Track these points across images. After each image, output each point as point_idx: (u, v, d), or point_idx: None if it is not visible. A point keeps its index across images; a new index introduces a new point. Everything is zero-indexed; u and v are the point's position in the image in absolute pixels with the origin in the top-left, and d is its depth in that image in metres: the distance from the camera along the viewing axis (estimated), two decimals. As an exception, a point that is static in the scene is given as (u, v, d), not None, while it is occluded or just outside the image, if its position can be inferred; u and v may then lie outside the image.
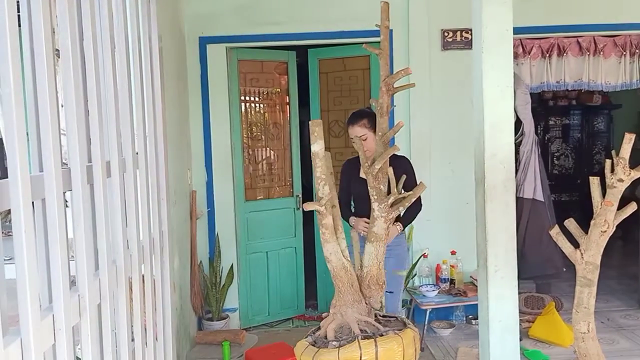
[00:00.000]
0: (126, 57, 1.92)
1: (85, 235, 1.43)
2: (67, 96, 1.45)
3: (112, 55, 1.75)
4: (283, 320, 4.90)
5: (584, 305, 2.49)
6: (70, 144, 1.44)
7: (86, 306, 1.39)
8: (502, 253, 2.88)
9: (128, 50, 1.98)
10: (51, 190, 1.28)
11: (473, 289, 4.37)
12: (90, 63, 1.57)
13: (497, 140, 2.79)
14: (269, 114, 4.94)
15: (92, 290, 1.44)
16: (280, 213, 4.91)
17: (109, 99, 1.74)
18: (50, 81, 1.27)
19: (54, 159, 1.28)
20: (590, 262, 2.38)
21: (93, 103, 1.58)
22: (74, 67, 1.44)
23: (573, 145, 8.51)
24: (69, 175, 1.42)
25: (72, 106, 1.44)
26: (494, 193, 2.85)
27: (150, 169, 2.23)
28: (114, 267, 1.67)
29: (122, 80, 1.88)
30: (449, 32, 4.53)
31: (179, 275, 3.86)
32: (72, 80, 1.43)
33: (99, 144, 1.59)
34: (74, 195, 1.45)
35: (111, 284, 1.60)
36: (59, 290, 1.26)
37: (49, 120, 1.26)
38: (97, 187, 1.58)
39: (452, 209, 4.59)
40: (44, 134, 1.27)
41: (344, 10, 4.53)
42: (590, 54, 4.55)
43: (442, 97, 4.57)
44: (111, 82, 1.74)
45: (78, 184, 1.44)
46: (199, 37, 4.49)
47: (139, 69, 2.12)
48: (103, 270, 1.55)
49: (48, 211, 1.28)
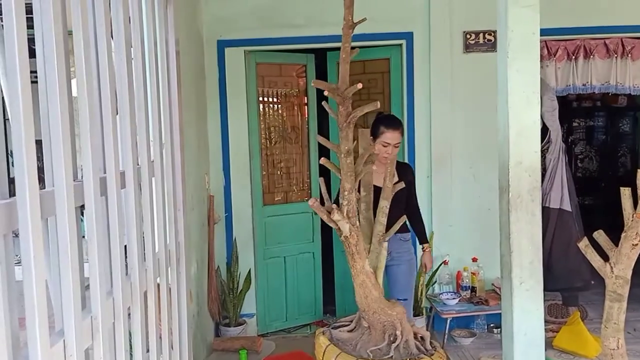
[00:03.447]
0: (142, 61, 1.87)
1: (99, 253, 1.38)
2: (80, 102, 1.38)
3: (127, 60, 1.70)
4: (301, 326, 4.85)
5: (614, 321, 2.39)
6: (84, 154, 1.37)
7: (99, 327, 1.34)
8: (528, 265, 2.78)
9: (144, 55, 1.93)
10: (62, 206, 1.21)
11: (495, 297, 4.27)
12: (105, 68, 1.52)
13: (523, 148, 2.69)
14: (287, 117, 4.88)
15: (105, 311, 1.39)
16: (298, 217, 4.85)
17: (124, 105, 1.69)
18: (62, 87, 1.21)
19: (66, 173, 1.21)
20: (620, 276, 2.28)
21: (107, 110, 1.53)
22: (87, 72, 1.38)
23: (597, 147, 8.33)
24: (82, 189, 1.36)
25: (86, 114, 1.37)
26: (519, 202, 2.76)
27: (167, 178, 2.19)
28: (129, 284, 1.62)
29: (138, 85, 1.84)
30: (472, 34, 4.43)
31: (196, 281, 3.83)
32: (85, 85, 1.36)
33: (113, 153, 1.54)
34: (87, 210, 1.39)
35: (125, 301, 1.55)
36: (69, 314, 1.20)
37: (60, 130, 1.20)
38: (111, 199, 1.53)
39: (473, 214, 4.49)
40: (54, 144, 1.20)
41: (363, 13, 4.42)
42: (618, 56, 4.41)
43: (464, 100, 4.47)
44: (126, 87, 1.69)
45: (91, 198, 1.38)
46: (217, 40, 4.46)
47: (155, 74, 2.07)
48: (117, 288, 1.50)
49: (59, 229, 1.22)
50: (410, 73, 4.51)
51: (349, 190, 2.43)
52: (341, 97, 2.39)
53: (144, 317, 1.74)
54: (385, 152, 3.13)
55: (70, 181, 1.25)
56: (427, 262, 3.45)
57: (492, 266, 4.36)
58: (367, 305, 2.52)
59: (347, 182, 2.43)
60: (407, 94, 4.52)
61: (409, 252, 3.39)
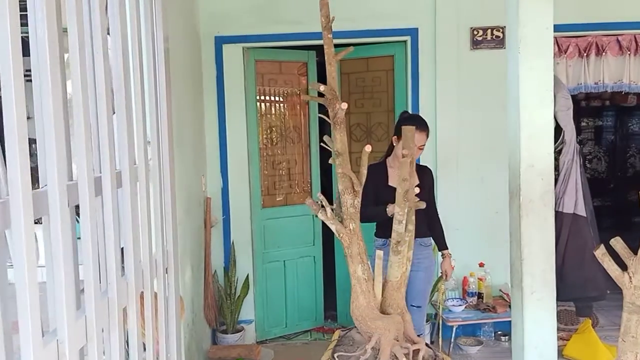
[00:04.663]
0: (122, 57, 1.72)
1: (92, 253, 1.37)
2: (75, 105, 1.36)
3: (103, 52, 1.56)
4: (301, 333, 4.69)
5: (632, 335, 2.23)
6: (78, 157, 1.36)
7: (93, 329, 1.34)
8: (539, 273, 2.63)
9: (127, 50, 1.78)
10: (55, 206, 1.20)
11: (503, 304, 4.12)
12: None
13: (535, 150, 2.53)
14: (287, 116, 4.72)
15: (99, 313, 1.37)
16: (299, 220, 4.70)
17: (100, 105, 1.55)
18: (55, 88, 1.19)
19: (58, 172, 1.20)
20: (639, 286, 2.13)
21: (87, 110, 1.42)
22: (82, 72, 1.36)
23: (606, 147, 8.16)
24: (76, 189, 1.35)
25: (80, 115, 1.35)
26: (531, 207, 2.60)
27: (154, 182, 2.04)
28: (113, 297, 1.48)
29: (119, 81, 1.69)
30: (479, 30, 4.27)
31: (191, 286, 3.68)
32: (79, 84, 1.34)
33: (86, 156, 1.40)
34: (82, 210, 1.38)
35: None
36: (62, 315, 1.20)
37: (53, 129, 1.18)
38: (83, 206, 1.39)
39: (481, 218, 4.34)
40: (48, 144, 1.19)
41: (367, 9, 4.29)
42: (631, 54, 4.24)
43: (471, 99, 4.30)
44: (103, 83, 1.55)
45: (86, 197, 1.37)
46: (214, 36, 4.31)
47: (140, 72, 1.92)
48: (112, 290, 1.37)
49: (52, 229, 1.21)
50: (415, 71, 4.35)
51: (342, 192, 2.33)
52: (328, 99, 2.27)
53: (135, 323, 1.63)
54: (410, 152, 2.97)
55: (63, 180, 1.22)
56: (447, 270, 3.31)
57: (499, 272, 4.22)
58: (351, 311, 2.42)
59: (340, 183, 2.33)
60: (411, 92, 4.36)
61: (429, 258, 3.25)
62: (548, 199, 2.60)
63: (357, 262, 2.38)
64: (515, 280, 2.71)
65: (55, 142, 1.19)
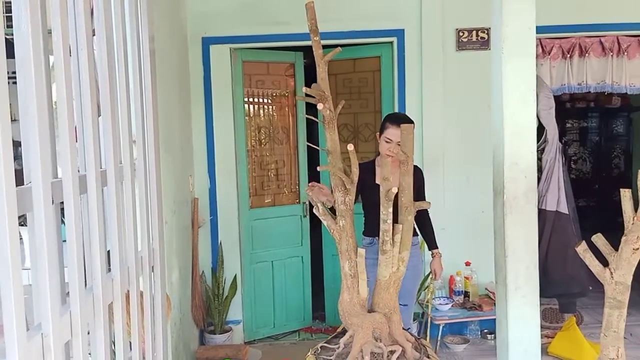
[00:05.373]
0: (107, 57, 1.73)
1: (77, 249, 1.40)
2: (59, 102, 1.38)
3: (88, 52, 1.56)
4: (289, 333, 4.70)
5: (614, 329, 2.27)
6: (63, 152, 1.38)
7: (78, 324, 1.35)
8: (523, 270, 2.67)
9: (112, 51, 1.79)
10: (39, 203, 1.22)
11: (489, 303, 4.16)
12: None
13: (519, 148, 2.57)
14: (275, 117, 4.74)
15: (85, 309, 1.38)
16: (287, 221, 4.71)
17: (84, 104, 1.55)
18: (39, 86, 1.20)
19: (42, 169, 1.21)
20: (620, 282, 2.17)
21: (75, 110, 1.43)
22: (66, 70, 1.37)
23: (591, 148, 8.26)
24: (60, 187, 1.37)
25: (64, 114, 1.36)
26: (515, 205, 2.64)
27: (139, 182, 2.04)
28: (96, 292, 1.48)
29: (104, 81, 1.70)
30: (464, 31, 4.31)
31: (178, 287, 3.68)
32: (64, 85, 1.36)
33: (70, 155, 1.41)
34: (66, 207, 1.39)
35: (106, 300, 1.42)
36: (47, 307, 1.22)
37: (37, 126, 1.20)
38: (67, 203, 1.40)
39: (466, 217, 4.37)
40: (32, 141, 1.21)
41: (354, 10, 4.32)
42: (614, 55, 4.30)
43: (457, 100, 4.35)
44: (88, 83, 1.55)
45: (70, 195, 1.38)
46: (201, 37, 4.31)
47: (125, 72, 1.93)
48: (97, 286, 1.37)
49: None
50: (402, 72, 4.38)
51: (333, 189, 2.40)
52: (323, 99, 2.31)
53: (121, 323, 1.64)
54: (387, 149, 2.99)
55: (48, 177, 1.24)
56: (436, 269, 3.30)
57: (485, 270, 4.25)
58: (337, 305, 2.48)
59: (332, 181, 2.40)
60: (398, 93, 4.40)
61: (416, 256, 3.25)
62: (531, 197, 2.63)
63: (345, 259, 2.41)
64: (500, 277, 2.75)
65: (38, 137, 1.20)
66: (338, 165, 2.37)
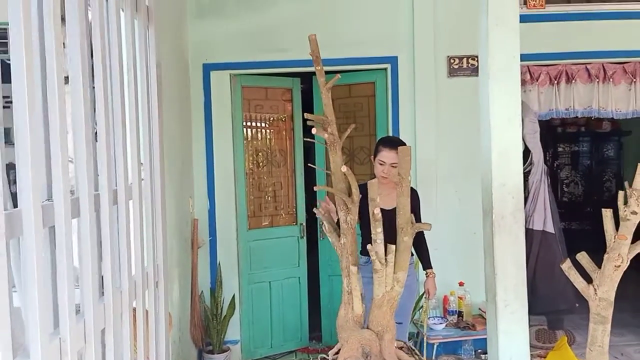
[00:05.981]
0: (120, 83, 1.86)
1: (92, 262, 1.49)
2: (75, 124, 1.50)
3: (104, 81, 1.69)
4: (286, 353, 4.76)
5: (598, 344, 2.37)
6: (79, 171, 1.51)
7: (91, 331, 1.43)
8: (512, 287, 2.76)
9: (122, 77, 1.92)
10: (60, 218, 1.33)
11: (482, 322, 4.23)
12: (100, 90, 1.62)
13: (505, 170, 2.70)
14: (273, 140, 4.87)
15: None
16: (284, 242, 4.81)
17: (100, 125, 1.68)
18: (60, 108, 1.31)
19: (63, 187, 1.33)
20: (604, 298, 2.27)
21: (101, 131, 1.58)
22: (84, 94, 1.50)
23: (582, 172, 8.40)
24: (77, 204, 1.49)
25: (82, 134, 1.49)
26: (503, 224, 2.75)
27: (146, 200, 2.16)
28: (102, 306, 1.58)
29: (115, 106, 1.82)
30: (455, 58, 4.48)
31: (178, 306, 3.76)
32: (82, 106, 1.48)
33: (86, 174, 1.52)
34: (81, 223, 1.50)
35: (99, 323, 1.51)
36: (65, 315, 1.31)
37: (59, 148, 1.32)
38: (83, 220, 1.50)
39: (459, 238, 4.48)
40: (54, 161, 1.32)
41: (350, 37, 4.49)
42: (600, 81, 4.47)
43: (449, 124, 4.49)
44: (103, 110, 1.68)
45: (86, 212, 1.50)
46: (202, 63, 4.47)
47: (135, 96, 2.06)
48: (88, 311, 1.47)
49: (57, 239, 1.34)
50: (395, 97, 4.53)
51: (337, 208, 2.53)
52: (326, 123, 2.45)
53: (121, 340, 1.70)
54: (382, 170, 3.12)
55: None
56: (430, 288, 3.37)
57: (478, 290, 4.32)
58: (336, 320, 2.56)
59: (335, 200, 2.53)
60: (392, 117, 4.54)
61: (411, 275, 3.29)
62: (519, 217, 2.75)
63: (345, 275, 2.51)
64: (490, 295, 2.84)
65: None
66: (340, 185, 2.48)
